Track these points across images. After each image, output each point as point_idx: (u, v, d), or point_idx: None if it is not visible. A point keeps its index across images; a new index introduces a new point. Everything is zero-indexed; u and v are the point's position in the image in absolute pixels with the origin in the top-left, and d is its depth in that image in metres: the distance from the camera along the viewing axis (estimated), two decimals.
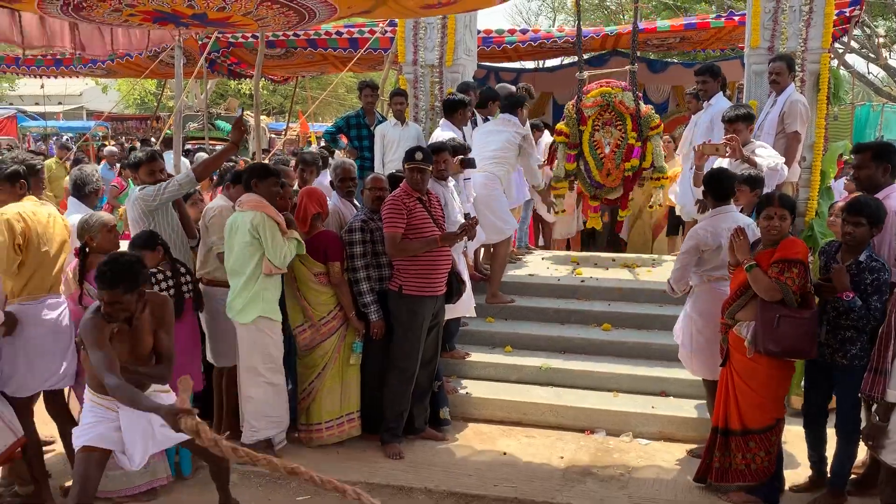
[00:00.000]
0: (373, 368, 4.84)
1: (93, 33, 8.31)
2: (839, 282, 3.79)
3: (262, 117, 14.92)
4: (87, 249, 4.15)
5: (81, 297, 4.15)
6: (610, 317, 6.00)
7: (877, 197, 3.93)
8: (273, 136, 18.67)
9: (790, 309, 3.78)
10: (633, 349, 5.64)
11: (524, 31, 10.72)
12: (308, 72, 13.42)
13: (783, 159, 5.04)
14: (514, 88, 7.37)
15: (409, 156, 4.63)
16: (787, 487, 4.13)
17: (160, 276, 4.26)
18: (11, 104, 27.95)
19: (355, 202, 5.22)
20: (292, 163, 7.05)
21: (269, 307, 4.49)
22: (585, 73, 6.68)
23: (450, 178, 5.20)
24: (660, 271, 6.88)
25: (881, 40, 27.95)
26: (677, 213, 7.45)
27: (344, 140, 7.22)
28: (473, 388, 5.40)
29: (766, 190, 4.51)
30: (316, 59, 11.50)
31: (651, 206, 7.08)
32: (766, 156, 4.91)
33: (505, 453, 4.73)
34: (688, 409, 5.01)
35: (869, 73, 31.56)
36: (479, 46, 9.86)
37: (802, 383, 4.25)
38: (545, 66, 14.66)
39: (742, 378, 3.93)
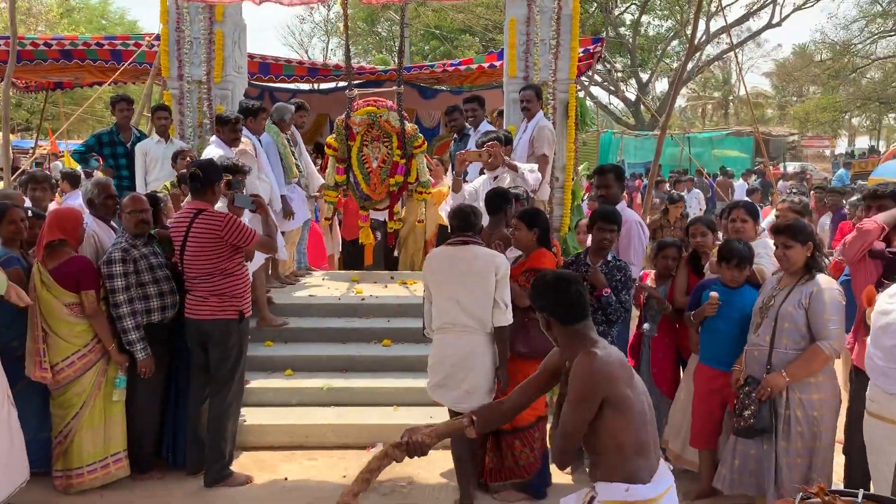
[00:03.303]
0: (142, 405, 4.52)
1: None
2: (597, 281, 4.27)
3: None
4: None
5: None
6: (390, 332, 6.10)
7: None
8: (19, 154, 16.73)
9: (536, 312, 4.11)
10: (413, 363, 5.76)
11: (301, 63, 10.85)
12: (61, 78, 12.13)
13: (536, 167, 5.60)
14: (292, 108, 7.28)
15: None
16: (553, 482, 4.42)
17: None
18: None
19: (114, 224, 4.83)
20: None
21: None
22: (355, 91, 6.88)
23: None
24: None
25: (619, 75, 31.63)
26: (450, 230, 7.80)
27: (99, 160, 6.68)
28: (251, 416, 5.20)
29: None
30: (71, 66, 10.54)
31: (420, 221, 7.50)
32: (523, 166, 5.46)
33: (286, 479, 4.62)
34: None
35: (610, 104, 35.56)
36: (256, 73, 9.75)
37: None
38: (320, 87, 14.64)
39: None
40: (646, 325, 4.72)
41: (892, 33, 31.46)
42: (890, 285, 3.53)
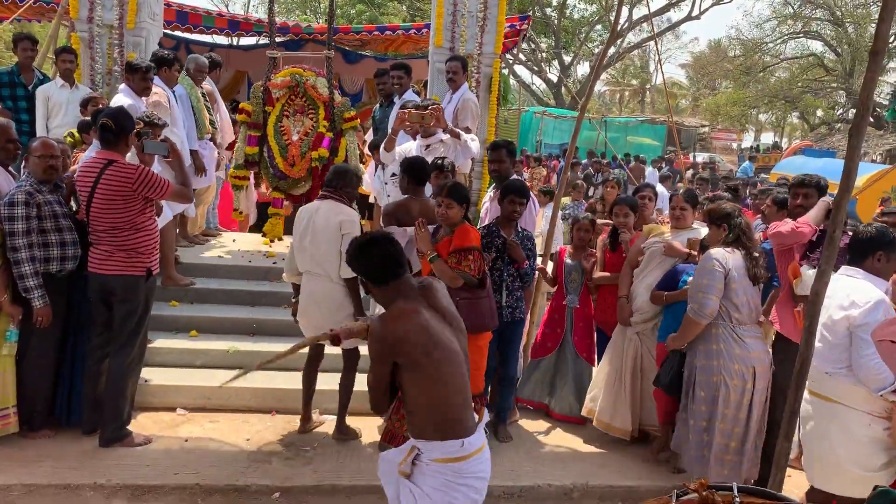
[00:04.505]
0: (35, 360, 4.32)
1: None
2: (518, 255, 4.56)
3: None
4: None
5: None
6: None
7: None
8: None
9: (468, 291, 4.20)
10: None
11: (221, 16, 10.45)
12: None
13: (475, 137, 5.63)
14: (206, 60, 7.02)
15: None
16: None
17: None
18: None
19: (12, 170, 4.57)
20: None
21: None
22: (277, 53, 6.37)
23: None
24: None
25: (543, 55, 31.99)
26: (370, 200, 7.74)
27: None
28: (153, 376, 5.08)
29: (460, 162, 5.35)
30: None
31: None
32: (466, 135, 5.47)
33: (187, 440, 4.54)
34: None
35: (533, 83, 35.97)
36: (173, 22, 9.34)
37: None
38: (240, 43, 14.17)
39: None
40: (569, 297, 5.20)
41: (801, 35, 33.06)
42: (812, 260, 4.02)
